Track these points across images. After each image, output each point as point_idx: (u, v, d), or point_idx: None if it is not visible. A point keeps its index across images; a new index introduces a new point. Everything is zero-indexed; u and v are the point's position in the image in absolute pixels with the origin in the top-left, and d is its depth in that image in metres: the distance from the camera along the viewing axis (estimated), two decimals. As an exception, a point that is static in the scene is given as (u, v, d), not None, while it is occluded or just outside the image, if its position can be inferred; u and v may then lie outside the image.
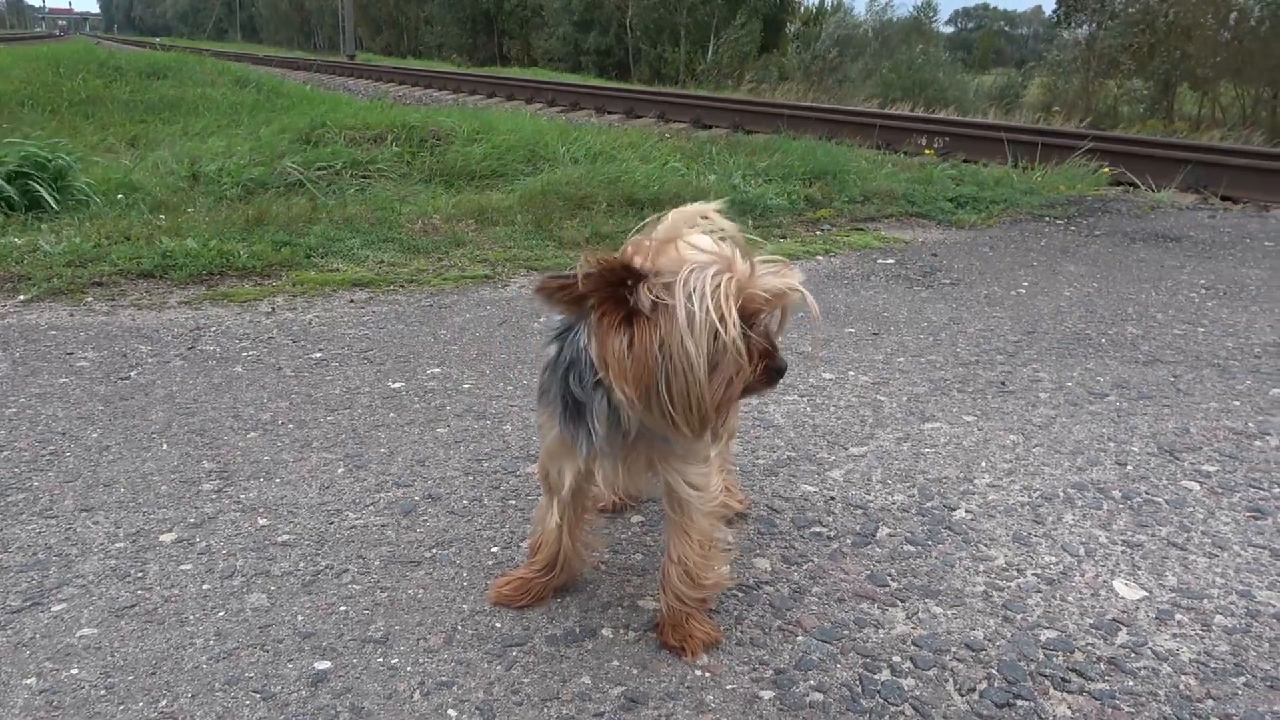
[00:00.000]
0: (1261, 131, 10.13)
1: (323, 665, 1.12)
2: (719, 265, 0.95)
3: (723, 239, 0.99)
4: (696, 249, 0.97)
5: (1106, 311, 2.77)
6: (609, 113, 10.42)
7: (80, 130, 6.15)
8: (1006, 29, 62.97)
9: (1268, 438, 1.85)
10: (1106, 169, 5.40)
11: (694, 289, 0.93)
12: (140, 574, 1.30)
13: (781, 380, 1.03)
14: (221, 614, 1.21)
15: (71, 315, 2.52)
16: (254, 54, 25.53)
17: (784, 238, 3.72)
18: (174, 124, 6.72)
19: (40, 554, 1.35)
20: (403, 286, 2.88)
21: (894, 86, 17.03)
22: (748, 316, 0.96)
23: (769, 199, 4.17)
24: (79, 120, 6.72)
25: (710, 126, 8.70)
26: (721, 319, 0.92)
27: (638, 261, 0.95)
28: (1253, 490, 1.63)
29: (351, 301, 2.72)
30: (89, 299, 2.66)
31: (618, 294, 0.94)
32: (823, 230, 3.89)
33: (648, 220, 1.02)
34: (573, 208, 3.87)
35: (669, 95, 11.60)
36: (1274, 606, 1.28)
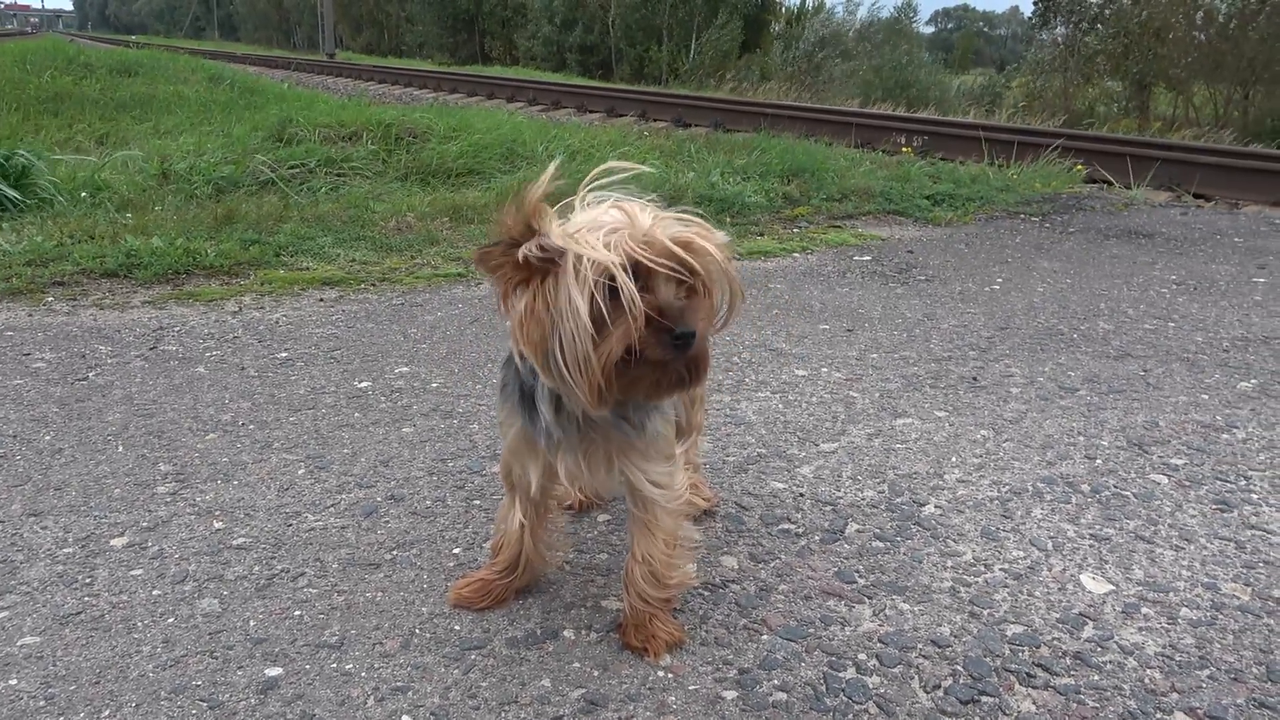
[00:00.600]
0: (1232, 130, 10.30)
1: (274, 672, 1.09)
2: (616, 220, 0.92)
3: (636, 199, 0.97)
4: (597, 205, 0.95)
5: (1079, 307, 2.79)
6: (590, 111, 10.38)
7: (46, 128, 6.02)
8: (985, 30, 63.67)
9: (1235, 431, 1.87)
10: (1080, 167, 5.46)
11: (583, 241, 0.90)
12: (88, 580, 1.26)
13: (689, 348, 0.91)
14: (171, 620, 1.18)
15: (30, 315, 2.45)
16: (231, 52, 25.19)
17: (761, 235, 3.71)
18: (145, 122, 6.60)
19: (-17, 561, 1.30)
20: (374, 285, 2.84)
21: (875, 87, 17.13)
22: (646, 273, 0.91)
23: (746, 196, 4.16)
24: (45, 118, 6.58)
25: (691, 125, 8.69)
26: (608, 269, 0.88)
27: (536, 221, 0.93)
28: (1220, 483, 1.64)
29: (321, 300, 2.67)
30: (49, 299, 2.59)
31: (517, 255, 0.93)
32: (800, 227, 3.89)
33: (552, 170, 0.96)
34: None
35: (651, 94, 11.57)
36: (1239, 599, 1.29)
